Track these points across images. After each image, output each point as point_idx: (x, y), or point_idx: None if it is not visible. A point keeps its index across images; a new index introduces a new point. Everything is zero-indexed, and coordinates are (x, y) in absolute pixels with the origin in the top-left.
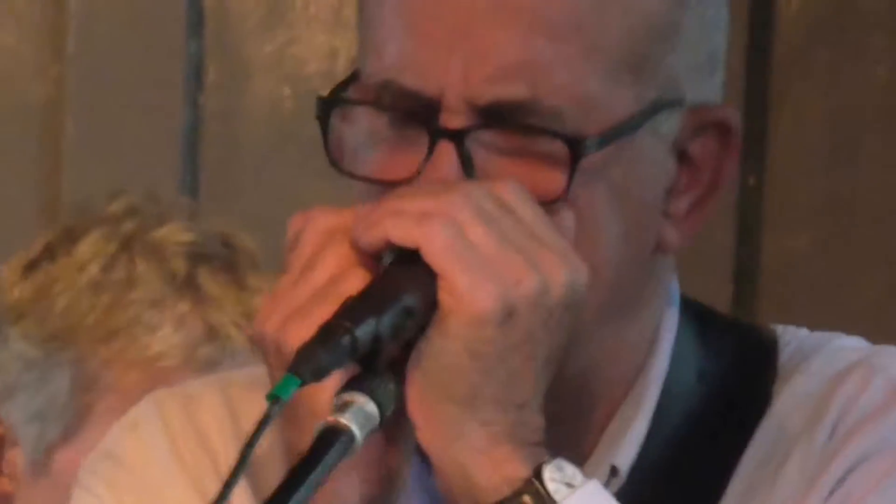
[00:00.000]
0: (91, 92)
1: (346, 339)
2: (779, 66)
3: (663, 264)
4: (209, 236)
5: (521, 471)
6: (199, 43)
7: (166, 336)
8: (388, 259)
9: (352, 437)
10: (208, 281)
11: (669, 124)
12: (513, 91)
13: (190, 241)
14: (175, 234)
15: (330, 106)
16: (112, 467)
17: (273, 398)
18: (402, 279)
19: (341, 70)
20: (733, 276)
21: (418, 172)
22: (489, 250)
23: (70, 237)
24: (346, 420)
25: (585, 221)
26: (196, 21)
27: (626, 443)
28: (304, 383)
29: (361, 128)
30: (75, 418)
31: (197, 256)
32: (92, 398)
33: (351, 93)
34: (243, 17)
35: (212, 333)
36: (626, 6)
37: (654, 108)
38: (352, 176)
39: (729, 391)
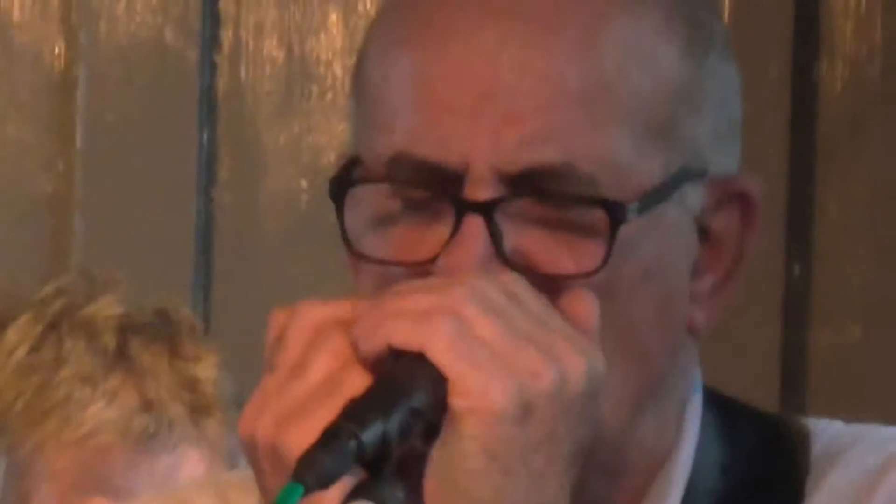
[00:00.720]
0: (100, 187)
1: (352, 443)
2: (824, 146)
3: (688, 350)
4: (141, 309)
5: None
6: (212, 134)
7: (99, 411)
8: (393, 358)
9: None
10: (141, 352)
11: (694, 196)
12: (546, 156)
13: (119, 314)
14: (104, 308)
15: (345, 186)
16: None
17: None
18: (407, 377)
19: None
20: (780, 373)
21: (440, 252)
22: (499, 344)
23: None
24: None
25: (620, 301)
26: (209, 111)
27: None
28: (308, 491)
29: (375, 208)
30: None
31: (128, 328)
32: (28, 486)
33: (352, 175)
34: (257, 105)
35: (147, 405)
36: (649, 68)
37: (681, 178)
38: (368, 259)
39: (757, 486)
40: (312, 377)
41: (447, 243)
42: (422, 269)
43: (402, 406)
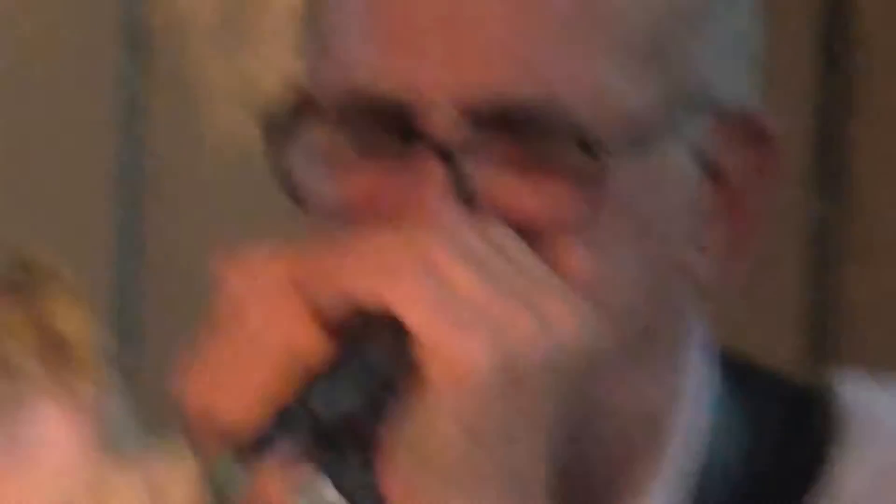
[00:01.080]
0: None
1: (305, 418)
2: (858, 80)
3: (690, 305)
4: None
5: None
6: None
7: None
8: (355, 315)
9: None
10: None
11: (694, 129)
12: (519, 91)
13: None
14: None
15: (279, 131)
16: None
17: (215, 485)
18: (369, 339)
19: None
20: (809, 326)
21: (399, 202)
22: (479, 301)
23: None
24: None
25: (606, 254)
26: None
27: None
28: (246, 464)
29: (324, 151)
30: None
31: None
32: None
33: (299, 112)
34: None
35: (1, 366)
36: None
37: (678, 108)
38: (317, 210)
39: (780, 466)
40: (256, 335)
41: (407, 191)
42: (378, 220)
43: (361, 371)
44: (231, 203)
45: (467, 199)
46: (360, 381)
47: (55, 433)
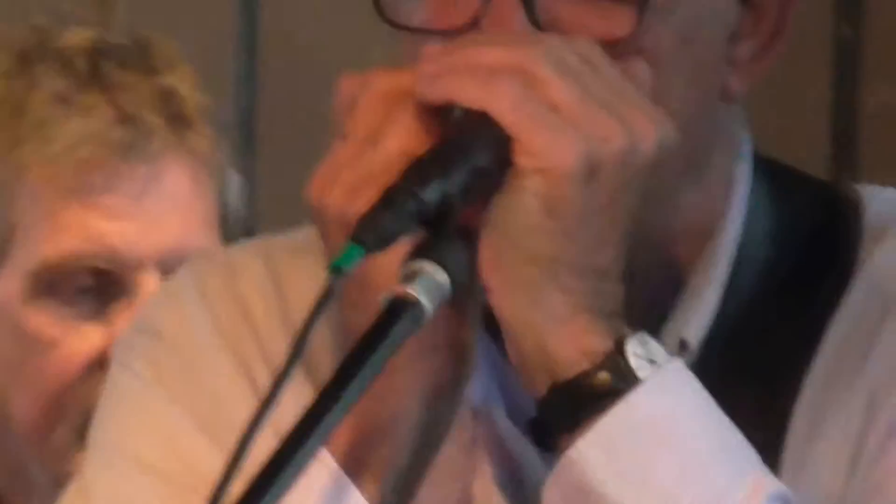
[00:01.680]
0: None
1: (411, 203)
2: None
3: (731, 116)
4: (118, 37)
5: (602, 344)
6: None
7: (75, 127)
8: (458, 114)
9: (421, 308)
10: (115, 71)
11: None
12: None
13: (92, 38)
14: (75, 37)
15: None
16: (150, 342)
17: (335, 269)
18: (471, 135)
19: None
20: (830, 136)
21: (476, 19)
22: (572, 107)
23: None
24: (414, 290)
25: (655, 68)
26: None
27: (697, 315)
28: (368, 252)
29: None
30: (1, 241)
31: (101, 52)
32: (12, 216)
33: None
34: None
35: (123, 117)
36: None
37: None
38: (401, 27)
39: (808, 255)
40: (386, 148)
41: (482, 11)
42: (455, 37)
43: (463, 164)
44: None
45: (534, 20)
46: (460, 170)
47: (175, 180)
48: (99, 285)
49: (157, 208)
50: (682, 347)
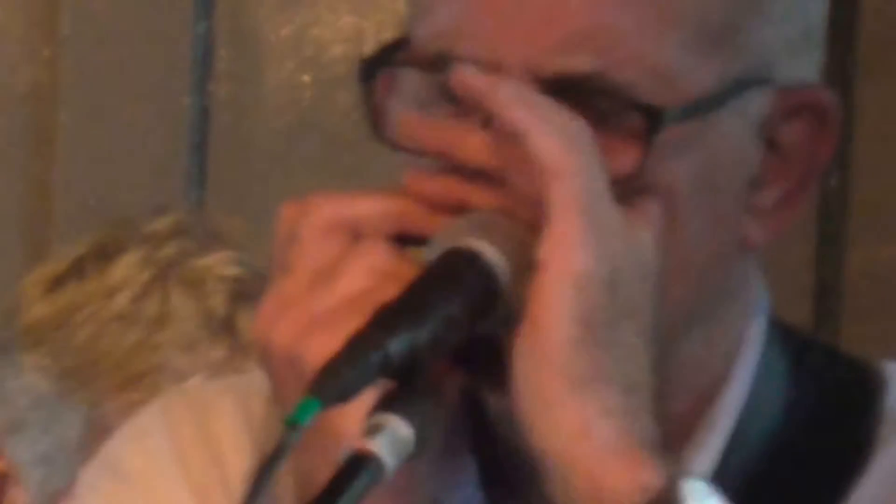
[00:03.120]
0: (87, 77)
1: (376, 355)
2: (864, 57)
3: (747, 267)
4: (256, 272)
5: (657, 479)
6: (209, 24)
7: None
8: (429, 255)
9: (380, 465)
10: (248, 324)
11: (757, 105)
12: (579, 63)
13: (234, 276)
14: (219, 266)
15: (376, 67)
16: (112, 483)
17: (291, 423)
18: (444, 280)
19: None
20: (814, 292)
21: (475, 155)
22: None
23: (104, 254)
24: (374, 446)
25: (667, 210)
26: None
27: (696, 461)
28: (325, 406)
29: (410, 95)
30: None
31: (240, 295)
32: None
33: (399, 59)
34: None
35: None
36: None
37: (741, 86)
38: (399, 148)
39: (822, 432)
40: (341, 288)
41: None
42: (453, 164)
43: (434, 314)
44: (292, 156)
45: None
46: (431, 320)
47: None
48: None
49: None
50: None
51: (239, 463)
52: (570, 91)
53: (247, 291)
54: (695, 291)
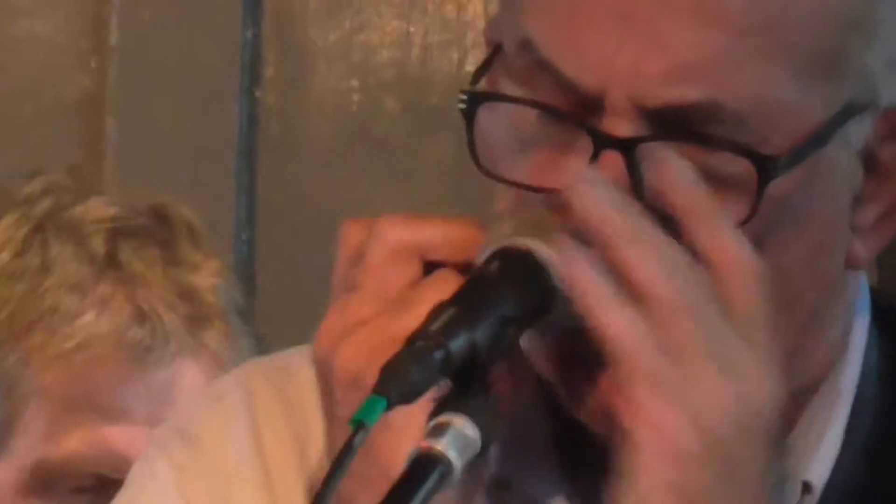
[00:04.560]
0: (135, 87)
1: (438, 354)
2: None
3: (851, 281)
4: (136, 210)
5: None
6: (257, 31)
7: (88, 323)
8: (483, 257)
9: (449, 465)
10: (133, 258)
11: (860, 129)
12: (690, 94)
13: (111, 216)
14: (94, 210)
15: (479, 100)
16: (182, 444)
17: (357, 423)
18: (499, 282)
19: (415, 59)
20: None
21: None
22: (690, 357)
23: None
24: (441, 446)
25: (770, 252)
26: (253, 6)
27: (819, 458)
28: (392, 405)
29: (508, 122)
30: (1, 429)
31: (119, 232)
32: (15, 404)
33: (497, 68)
34: (305, 0)
35: (140, 316)
36: None
37: (847, 113)
38: (501, 180)
39: None
40: (416, 317)
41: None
42: (557, 197)
43: (492, 314)
44: (339, 161)
45: (638, 188)
46: (489, 319)
47: (191, 384)
48: (98, 486)
49: (168, 415)
50: (806, 490)
51: (319, 425)
52: (677, 125)
53: (126, 228)
54: (797, 321)
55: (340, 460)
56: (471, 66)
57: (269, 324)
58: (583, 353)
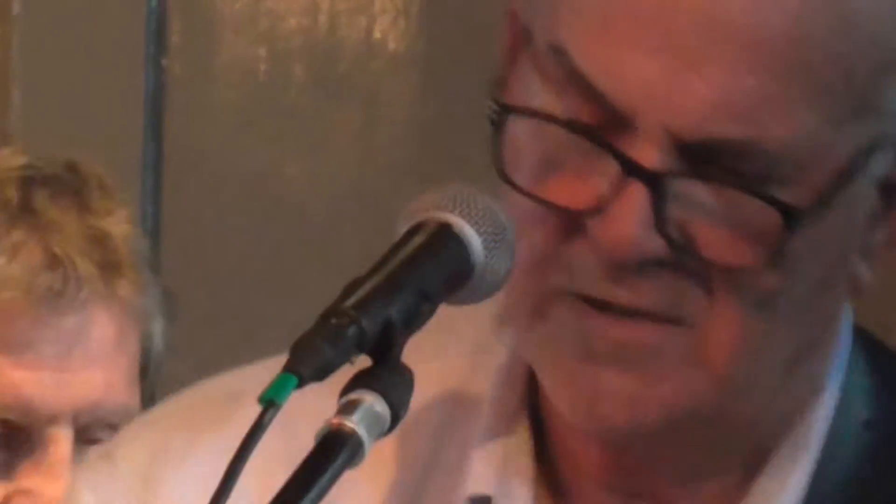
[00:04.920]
0: (39, 56)
1: (351, 331)
2: None
3: (843, 303)
4: (48, 161)
5: None
6: None
7: (0, 267)
8: (403, 228)
9: (359, 442)
10: (46, 205)
11: (884, 161)
12: (732, 131)
13: (22, 164)
14: (6, 159)
15: (508, 112)
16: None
17: (267, 402)
18: (417, 256)
19: (323, 27)
20: None
21: (600, 206)
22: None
23: None
24: (352, 423)
25: (784, 284)
26: None
27: (785, 495)
28: (302, 383)
29: (535, 133)
30: None
31: (32, 180)
32: None
33: (526, 61)
34: None
35: (53, 261)
36: (858, 39)
37: (871, 148)
38: (522, 192)
39: None
40: None
41: (607, 200)
42: (576, 217)
43: (408, 288)
44: (247, 129)
45: (662, 224)
46: (406, 295)
47: (102, 330)
48: (6, 436)
49: (79, 362)
50: None
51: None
52: (710, 162)
53: (39, 176)
54: (800, 343)
55: (250, 437)
56: (378, 34)
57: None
58: None
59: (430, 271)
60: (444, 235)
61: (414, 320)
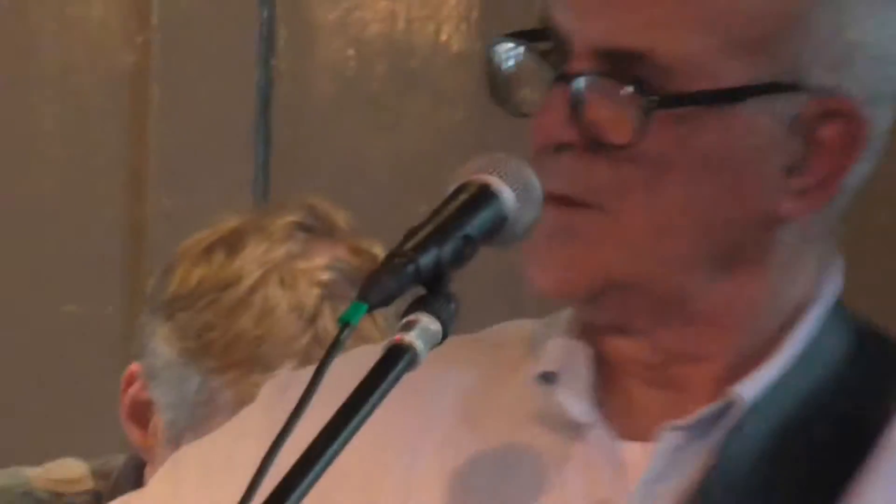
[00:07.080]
0: (173, 58)
1: (410, 267)
2: None
3: (793, 231)
4: (347, 274)
5: None
6: (272, 11)
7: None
8: (451, 188)
9: (415, 353)
10: (329, 321)
11: (787, 106)
12: (630, 42)
13: (326, 281)
14: (315, 272)
15: (494, 43)
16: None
17: (343, 323)
18: (462, 209)
19: (399, 31)
20: None
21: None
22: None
23: (229, 244)
24: (410, 338)
25: (677, 177)
26: None
27: (757, 376)
28: (371, 308)
29: (521, 67)
30: (200, 420)
31: (327, 297)
32: (211, 411)
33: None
34: None
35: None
36: None
37: (767, 88)
38: (505, 110)
39: (884, 366)
40: None
41: (543, 102)
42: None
43: (455, 234)
44: (338, 117)
45: (575, 114)
46: (453, 239)
47: None
48: None
49: None
50: (731, 404)
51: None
52: (615, 65)
53: (334, 293)
54: (711, 245)
55: (329, 352)
56: (444, 36)
57: None
58: None
59: (472, 220)
60: (484, 192)
61: (459, 259)
